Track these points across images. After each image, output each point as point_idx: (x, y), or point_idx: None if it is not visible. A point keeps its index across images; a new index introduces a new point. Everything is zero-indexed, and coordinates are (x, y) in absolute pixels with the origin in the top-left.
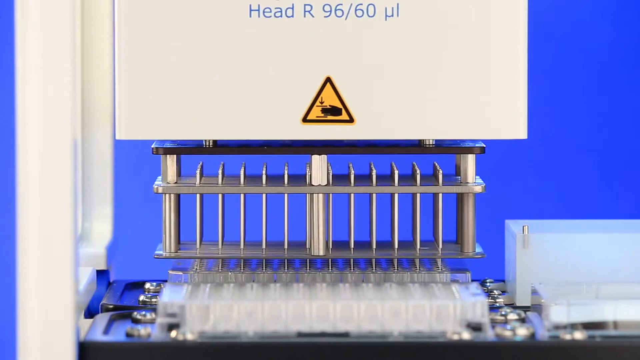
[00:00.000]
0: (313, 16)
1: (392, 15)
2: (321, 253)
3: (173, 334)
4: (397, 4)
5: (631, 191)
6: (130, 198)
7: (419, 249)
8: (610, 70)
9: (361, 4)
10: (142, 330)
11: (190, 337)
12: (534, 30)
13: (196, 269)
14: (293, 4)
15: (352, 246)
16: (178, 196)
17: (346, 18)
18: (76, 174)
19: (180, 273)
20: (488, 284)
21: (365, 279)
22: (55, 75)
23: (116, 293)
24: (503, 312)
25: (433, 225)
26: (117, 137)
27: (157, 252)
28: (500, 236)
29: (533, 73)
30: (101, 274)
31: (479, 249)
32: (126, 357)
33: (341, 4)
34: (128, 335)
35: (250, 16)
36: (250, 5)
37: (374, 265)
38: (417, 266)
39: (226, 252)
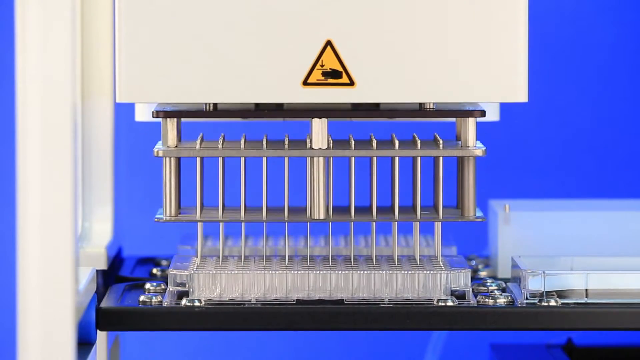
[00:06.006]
0: None
1: None
2: (322, 217)
3: (183, 301)
4: None
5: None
6: (130, 198)
7: (420, 213)
8: (608, 50)
9: None
10: (154, 299)
11: (198, 304)
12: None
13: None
14: None
15: (353, 211)
16: (178, 160)
17: None
18: (76, 173)
19: (189, 247)
20: (473, 260)
21: (359, 253)
22: (55, 69)
23: (128, 268)
24: (486, 284)
25: (433, 190)
26: (117, 101)
27: (157, 216)
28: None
29: (535, 48)
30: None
31: (479, 213)
32: (140, 323)
33: None
34: (141, 303)
35: None
36: None
37: (374, 234)
38: (408, 242)
39: (227, 217)
